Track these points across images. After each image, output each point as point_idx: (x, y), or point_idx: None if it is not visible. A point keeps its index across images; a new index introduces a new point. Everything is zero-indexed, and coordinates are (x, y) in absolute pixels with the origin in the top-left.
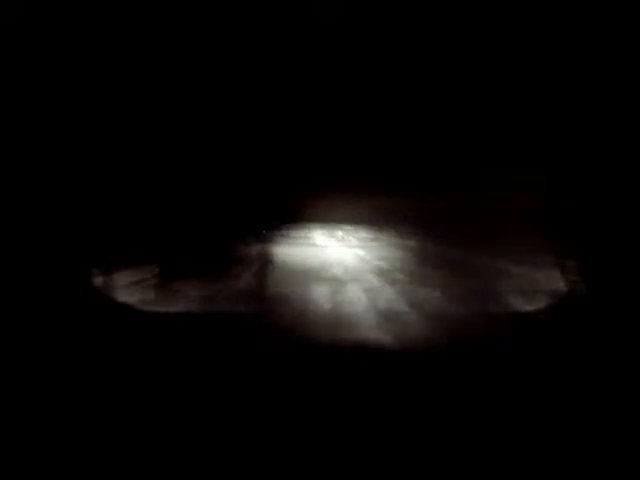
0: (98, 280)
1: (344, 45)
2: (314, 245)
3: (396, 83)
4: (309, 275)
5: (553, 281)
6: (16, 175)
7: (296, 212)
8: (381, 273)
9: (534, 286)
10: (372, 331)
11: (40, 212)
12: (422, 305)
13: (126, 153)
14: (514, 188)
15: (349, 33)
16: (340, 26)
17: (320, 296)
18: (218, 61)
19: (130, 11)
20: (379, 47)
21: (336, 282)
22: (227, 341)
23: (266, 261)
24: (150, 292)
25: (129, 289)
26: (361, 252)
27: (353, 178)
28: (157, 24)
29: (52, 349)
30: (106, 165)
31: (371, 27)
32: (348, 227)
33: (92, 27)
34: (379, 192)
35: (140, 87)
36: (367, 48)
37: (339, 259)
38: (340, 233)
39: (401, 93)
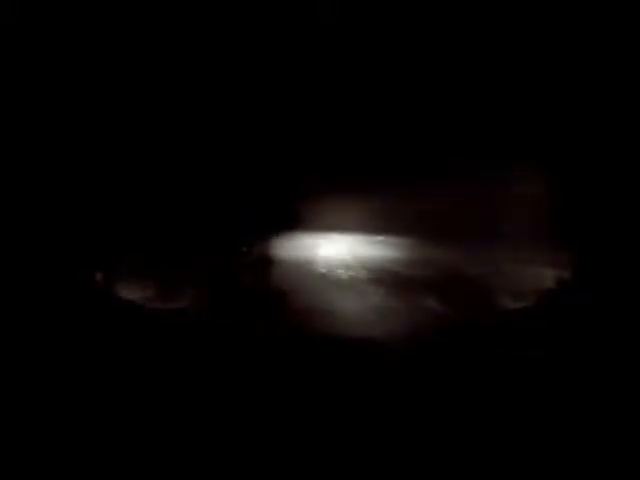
0: (97, 279)
1: (344, 45)
2: (315, 244)
3: (396, 82)
4: (309, 274)
5: (547, 280)
6: (15, 174)
7: (297, 212)
8: (379, 272)
9: (527, 285)
10: (367, 330)
11: (39, 211)
12: (420, 305)
13: (126, 154)
14: (513, 185)
15: (349, 33)
16: (340, 26)
17: (320, 296)
18: (217, 60)
19: (130, 11)
20: (379, 47)
21: (337, 282)
22: (226, 341)
23: (266, 261)
24: (149, 291)
25: (128, 288)
26: (362, 252)
27: (354, 177)
28: (157, 24)
29: (51, 348)
30: (105, 166)
31: (371, 27)
32: (349, 227)
33: (92, 27)
34: (379, 191)
35: (140, 87)
36: (367, 48)
37: (340, 259)
38: (341, 234)
39: (402, 92)
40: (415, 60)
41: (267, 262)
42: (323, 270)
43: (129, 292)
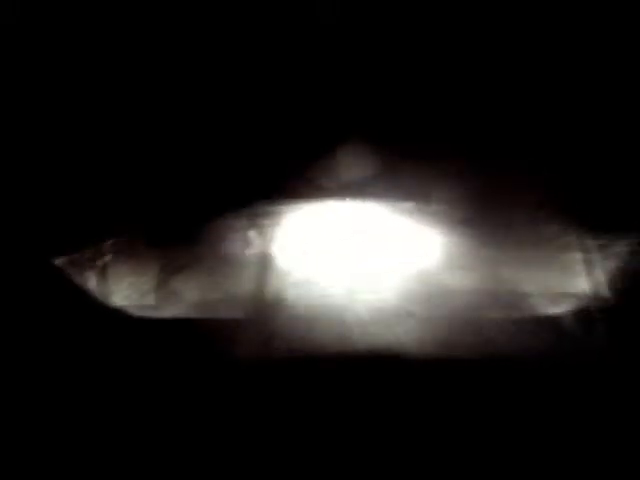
0: (89, 281)
1: (344, 45)
2: (315, 243)
3: (397, 83)
4: (309, 276)
5: (579, 284)
6: (15, 175)
7: (297, 211)
8: (400, 274)
9: (559, 289)
10: (382, 334)
11: (36, 210)
12: (438, 307)
13: (125, 151)
14: (542, 188)
15: (349, 33)
16: (340, 26)
17: (321, 297)
18: (217, 60)
19: (130, 11)
20: (379, 47)
21: (337, 283)
22: (226, 345)
23: (266, 261)
24: (146, 295)
25: (123, 291)
26: (364, 250)
27: (355, 181)
28: (157, 23)
29: (43, 355)
30: (102, 161)
31: (371, 27)
32: (350, 228)
33: (92, 27)
34: (379, 192)
35: (139, 84)
36: (367, 48)
37: (340, 260)
38: (342, 232)
39: (402, 93)
40: (416, 60)
41: (267, 264)
42: (323, 271)
43: (124, 297)
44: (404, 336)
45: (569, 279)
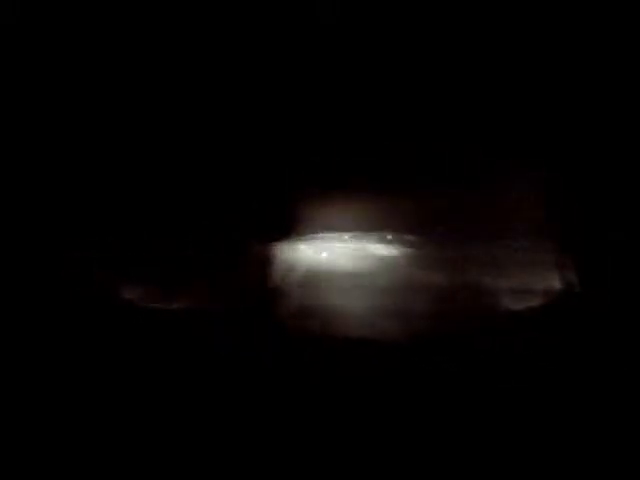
0: (99, 277)
1: (344, 45)
2: (316, 244)
3: (396, 83)
4: (310, 276)
5: (549, 280)
6: (15, 176)
7: (297, 212)
8: (378, 272)
9: (530, 285)
10: (366, 329)
11: (42, 209)
12: (420, 304)
13: (127, 154)
14: (515, 185)
15: (349, 33)
16: (340, 26)
17: (321, 294)
18: (216, 61)
19: (130, 11)
20: (379, 47)
21: (336, 281)
22: (228, 339)
23: (269, 261)
24: (149, 290)
25: (131, 285)
26: (361, 251)
27: (352, 178)
28: (157, 24)
29: (49, 348)
30: (106, 166)
31: (371, 27)
32: (348, 227)
33: (92, 27)
34: (379, 191)
35: (140, 88)
36: (367, 48)
37: (339, 259)
38: (341, 234)
39: (401, 93)
40: (416, 60)
41: (267, 262)
42: (323, 270)
43: (129, 291)
44: (382, 329)
45: (541, 278)
